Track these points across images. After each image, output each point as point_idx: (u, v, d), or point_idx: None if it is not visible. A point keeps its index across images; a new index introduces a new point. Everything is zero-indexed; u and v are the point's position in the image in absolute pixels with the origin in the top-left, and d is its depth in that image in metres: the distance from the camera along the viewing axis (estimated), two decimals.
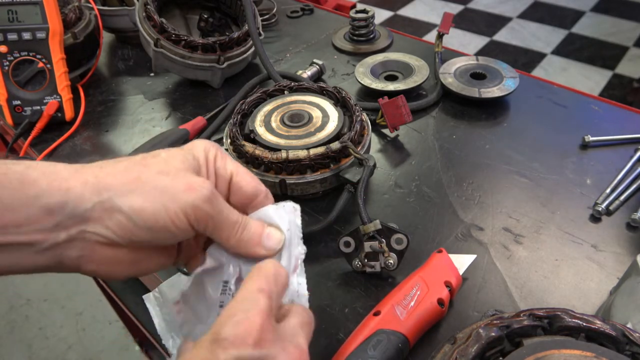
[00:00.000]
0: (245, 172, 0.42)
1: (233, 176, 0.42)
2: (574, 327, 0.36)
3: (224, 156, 0.42)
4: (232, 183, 0.42)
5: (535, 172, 0.72)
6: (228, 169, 0.42)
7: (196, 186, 0.37)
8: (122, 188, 0.36)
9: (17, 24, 0.80)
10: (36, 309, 1.90)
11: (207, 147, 0.42)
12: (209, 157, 0.41)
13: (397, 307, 0.50)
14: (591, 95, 0.86)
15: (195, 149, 0.41)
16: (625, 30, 3.15)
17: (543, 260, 0.60)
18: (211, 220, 0.38)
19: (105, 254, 0.38)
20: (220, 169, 0.42)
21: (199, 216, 0.37)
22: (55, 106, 0.85)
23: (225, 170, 0.42)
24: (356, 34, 1.05)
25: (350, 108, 0.72)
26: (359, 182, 0.61)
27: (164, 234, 0.37)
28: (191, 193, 0.37)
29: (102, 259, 0.38)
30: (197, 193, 0.37)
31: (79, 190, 0.36)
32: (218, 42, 0.89)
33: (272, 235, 0.41)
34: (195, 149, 0.41)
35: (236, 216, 0.40)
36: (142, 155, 0.39)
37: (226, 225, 0.39)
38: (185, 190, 0.37)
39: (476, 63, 0.90)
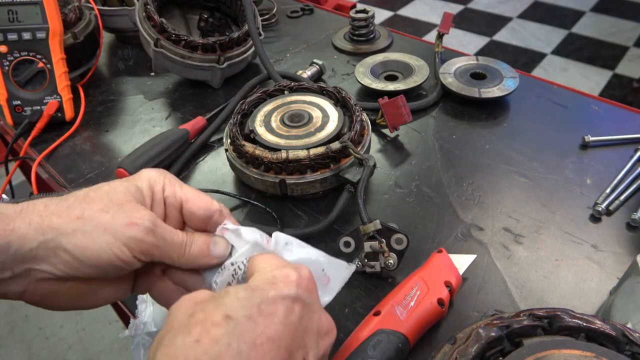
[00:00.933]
0: (196, 196, 0.43)
1: (183, 204, 0.43)
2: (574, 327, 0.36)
3: (172, 184, 0.43)
4: (184, 210, 0.43)
5: (535, 172, 0.72)
6: (177, 196, 0.42)
7: (136, 220, 0.38)
8: (66, 227, 0.37)
9: (17, 24, 0.80)
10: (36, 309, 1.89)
11: (153, 177, 0.42)
12: (154, 187, 0.42)
13: (397, 307, 0.50)
14: (591, 95, 0.86)
15: (139, 180, 0.42)
16: (625, 30, 3.15)
17: (543, 260, 0.60)
18: (156, 249, 0.39)
19: (50, 288, 0.39)
20: (170, 198, 0.42)
21: (142, 249, 0.39)
22: (55, 106, 0.85)
23: (174, 199, 0.42)
24: (356, 34, 1.05)
25: (350, 108, 0.72)
26: (359, 182, 0.61)
27: (111, 268, 0.38)
28: (132, 228, 0.38)
29: (46, 293, 0.39)
30: (137, 227, 0.38)
31: (24, 230, 0.37)
32: (218, 42, 0.89)
33: (218, 242, 0.42)
34: (139, 180, 0.42)
35: (181, 237, 0.41)
36: (85, 190, 0.40)
37: (172, 248, 0.40)
38: (126, 226, 0.38)
39: (476, 63, 0.90)
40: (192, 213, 0.43)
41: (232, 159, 0.69)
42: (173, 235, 0.40)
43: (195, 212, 0.43)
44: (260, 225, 0.65)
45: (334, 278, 0.49)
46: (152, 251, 0.39)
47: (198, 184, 0.75)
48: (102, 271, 0.38)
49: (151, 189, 0.42)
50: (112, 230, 0.38)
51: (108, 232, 0.38)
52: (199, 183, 0.75)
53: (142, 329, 0.53)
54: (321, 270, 0.50)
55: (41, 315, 1.87)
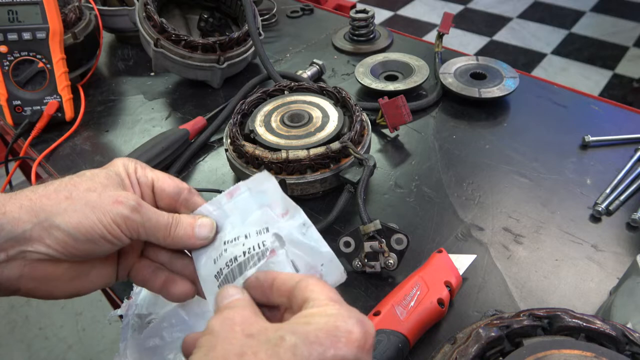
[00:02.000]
0: (166, 176, 0.46)
1: (154, 182, 0.45)
2: (574, 327, 0.36)
3: (143, 167, 0.46)
4: (155, 188, 0.45)
5: (535, 172, 0.72)
6: (149, 177, 0.45)
7: (122, 199, 0.40)
8: (56, 207, 0.39)
9: (17, 24, 0.80)
10: (36, 309, 1.90)
11: (125, 162, 0.45)
12: (129, 171, 0.44)
13: (397, 307, 0.50)
14: (591, 95, 0.86)
15: (115, 166, 0.44)
16: (625, 30, 3.15)
17: (543, 260, 0.60)
18: (142, 227, 0.41)
19: (46, 270, 0.41)
20: (142, 178, 0.45)
21: (130, 225, 0.41)
22: (55, 106, 0.85)
23: (146, 179, 0.45)
24: (356, 34, 1.05)
25: (350, 108, 0.72)
26: (359, 182, 0.61)
27: (103, 244, 0.40)
28: (118, 206, 0.40)
29: (42, 277, 0.41)
30: (124, 205, 0.40)
31: (16, 213, 0.38)
32: (218, 42, 0.89)
33: (203, 224, 0.43)
34: (115, 166, 0.44)
35: (166, 218, 0.43)
36: (68, 176, 0.42)
37: (158, 228, 0.42)
38: (113, 204, 0.40)
39: (476, 63, 0.90)
40: (162, 190, 0.45)
41: (232, 159, 0.69)
42: (158, 216, 0.42)
43: (165, 188, 0.45)
44: None
45: (327, 277, 0.49)
46: (138, 229, 0.41)
47: (198, 183, 0.75)
48: (94, 248, 0.40)
49: (126, 172, 0.44)
50: (100, 208, 0.40)
51: (97, 209, 0.39)
52: (199, 183, 0.75)
53: (134, 310, 0.54)
54: (320, 264, 0.50)
55: (41, 316, 1.87)
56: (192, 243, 0.43)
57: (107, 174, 0.43)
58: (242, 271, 0.44)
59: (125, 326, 0.54)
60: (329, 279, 0.44)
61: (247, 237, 0.47)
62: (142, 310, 0.55)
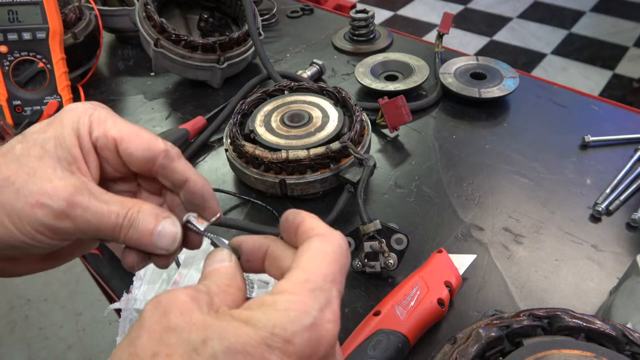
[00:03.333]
0: (133, 134, 0.34)
1: (118, 144, 0.34)
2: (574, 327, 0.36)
3: (102, 120, 0.34)
4: (121, 152, 0.34)
5: (535, 172, 0.72)
6: (110, 136, 0.33)
7: (45, 200, 0.30)
8: None
9: (17, 24, 0.80)
10: (36, 309, 1.90)
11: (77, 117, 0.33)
12: (80, 131, 0.33)
13: (397, 307, 0.50)
14: (591, 95, 0.86)
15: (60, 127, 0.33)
16: (625, 30, 3.15)
17: (543, 260, 0.60)
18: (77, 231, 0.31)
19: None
20: (101, 139, 0.33)
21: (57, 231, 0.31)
22: (55, 106, 0.85)
23: (106, 139, 0.33)
24: (356, 34, 1.05)
25: (350, 108, 0.72)
26: (359, 182, 0.61)
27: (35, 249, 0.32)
28: (39, 210, 0.30)
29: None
30: (46, 210, 0.30)
31: None
32: (218, 42, 0.89)
33: (164, 233, 0.33)
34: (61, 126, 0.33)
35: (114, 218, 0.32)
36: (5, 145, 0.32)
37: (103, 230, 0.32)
38: (32, 207, 0.30)
39: (476, 63, 0.90)
40: (129, 154, 0.34)
41: (232, 159, 0.69)
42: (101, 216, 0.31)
43: (133, 153, 0.33)
44: (261, 224, 0.65)
45: None
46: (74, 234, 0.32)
47: None
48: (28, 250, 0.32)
49: (76, 134, 0.33)
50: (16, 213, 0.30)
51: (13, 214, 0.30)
52: None
53: (132, 304, 0.54)
54: None
55: (41, 316, 1.87)
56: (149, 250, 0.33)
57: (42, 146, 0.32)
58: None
59: (123, 320, 0.54)
60: None
61: None
62: (142, 305, 0.55)
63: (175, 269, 0.58)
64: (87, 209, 0.31)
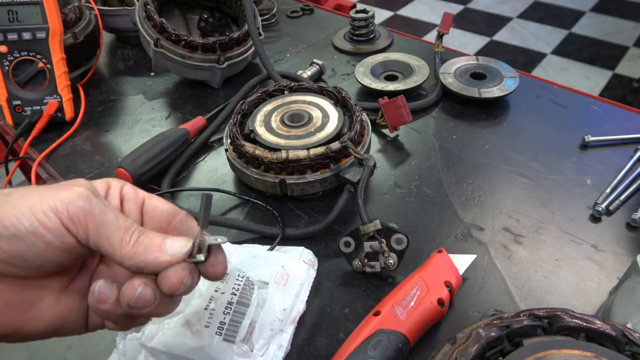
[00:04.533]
0: (160, 198, 0.38)
1: (146, 199, 0.37)
2: (574, 327, 0.36)
3: (134, 187, 0.38)
4: (146, 205, 0.37)
5: (535, 172, 0.72)
6: (140, 193, 0.38)
7: (71, 186, 0.33)
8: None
9: (17, 24, 0.80)
10: None
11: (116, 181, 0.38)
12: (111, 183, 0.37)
13: (397, 307, 0.50)
14: (591, 95, 0.86)
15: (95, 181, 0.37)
16: (625, 30, 3.15)
17: (543, 260, 0.60)
18: (92, 220, 0.32)
19: None
20: (130, 194, 0.37)
21: (73, 213, 0.31)
22: (55, 106, 0.85)
23: (135, 194, 0.37)
24: (356, 34, 1.05)
25: (350, 108, 0.72)
26: (359, 182, 0.61)
27: (33, 244, 0.31)
28: (64, 191, 0.32)
29: None
30: (70, 191, 0.32)
31: None
32: (218, 42, 0.89)
33: (177, 239, 0.34)
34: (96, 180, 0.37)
35: (129, 222, 0.33)
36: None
37: (115, 229, 0.33)
38: (58, 190, 0.32)
39: (476, 63, 0.90)
40: (155, 208, 0.37)
41: (232, 159, 0.69)
42: (117, 216, 0.33)
43: (159, 207, 0.37)
44: (261, 224, 0.65)
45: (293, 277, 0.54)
46: (86, 222, 0.32)
47: (198, 183, 0.75)
48: (24, 250, 0.31)
49: (107, 184, 0.37)
50: (39, 197, 0.31)
51: (34, 199, 0.31)
52: (198, 183, 0.75)
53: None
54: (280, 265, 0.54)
55: None
56: (157, 257, 0.33)
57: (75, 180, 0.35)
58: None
59: None
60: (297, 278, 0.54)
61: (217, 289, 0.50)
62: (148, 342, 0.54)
63: None
64: (106, 205, 0.33)
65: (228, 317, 0.49)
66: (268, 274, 0.55)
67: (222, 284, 0.52)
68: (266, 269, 0.55)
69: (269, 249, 0.61)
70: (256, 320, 0.51)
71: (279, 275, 0.54)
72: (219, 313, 0.49)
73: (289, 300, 0.53)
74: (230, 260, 0.57)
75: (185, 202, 0.72)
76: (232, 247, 0.59)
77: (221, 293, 0.51)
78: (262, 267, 0.56)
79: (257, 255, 0.57)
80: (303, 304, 0.55)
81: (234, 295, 0.51)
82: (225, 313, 0.49)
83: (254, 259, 0.57)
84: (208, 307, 0.50)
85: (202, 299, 0.51)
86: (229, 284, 0.51)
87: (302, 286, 0.55)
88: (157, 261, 0.33)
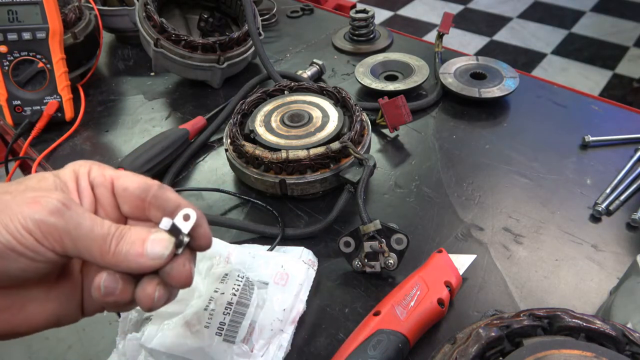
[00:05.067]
0: (129, 174, 0.37)
1: (115, 180, 0.37)
2: (574, 327, 0.36)
3: (101, 167, 0.37)
4: (116, 188, 0.36)
5: (535, 172, 0.72)
6: (107, 176, 0.37)
7: (41, 199, 0.31)
8: None
9: (17, 24, 0.80)
10: None
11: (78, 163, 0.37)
12: (79, 172, 0.36)
13: (397, 307, 0.50)
14: (591, 95, 0.86)
15: (63, 170, 0.36)
16: (625, 30, 3.15)
17: (543, 260, 0.60)
18: (67, 235, 0.31)
19: None
20: (98, 178, 0.36)
21: (48, 232, 0.31)
22: (55, 106, 0.85)
23: (103, 178, 0.36)
24: (356, 34, 1.05)
25: (350, 108, 0.72)
26: (359, 182, 0.61)
27: (14, 259, 0.31)
28: (34, 206, 0.31)
29: None
30: (40, 206, 0.31)
31: None
32: (218, 42, 0.89)
33: (158, 240, 0.33)
34: (64, 169, 0.36)
35: (106, 228, 0.33)
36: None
37: (92, 239, 0.32)
38: (27, 204, 0.31)
39: (476, 63, 0.90)
40: (125, 188, 0.36)
41: (232, 159, 0.69)
42: (94, 224, 0.32)
43: (129, 186, 0.36)
44: (261, 224, 0.65)
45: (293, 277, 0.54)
46: (62, 239, 0.31)
47: (198, 183, 0.75)
48: (5, 264, 0.31)
49: (75, 174, 0.36)
50: (9, 211, 0.31)
51: (4, 212, 0.31)
52: (198, 183, 0.75)
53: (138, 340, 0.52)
54: (280, 265, 0.54)
55: None
56: (140, 263, 0.32)
57: (42, 176, 0.34)
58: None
59: (123, 320, 0.54)
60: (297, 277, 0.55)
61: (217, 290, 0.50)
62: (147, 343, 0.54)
63: None
64: (81, 215, 0.32)
65: (228, 318, 0.49)
66: (268, 274, 0.55)
67: (222, 285, 0.52)
68: (266, 269, 0.55)
69: (269, 249, 0.61)
70: (256, 321, 0.51)
71: (278, 276, 0.54)
72: (219, 313, 0.49)
73: (288, 300, 0.53)
74: (230, 260, 0.57)
75: None
76: (232, 247, 0.59)
77: (221, 293, 0.51)
78: (261, 268, 0.56)
79: (257, 256, 0.57)
80: (303, 304, 0.55)
81: (233, 296, 0.51)
82: (225, 313, 0.49)
83: (253, 259, 0.57)
84: (208, 307, 0.50)
85: (201, 300, 0.51)
86: (228, 285, 0.51)
87: (302, 286, 0.55)
88: (142, 267, 0.33)
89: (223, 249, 0.58)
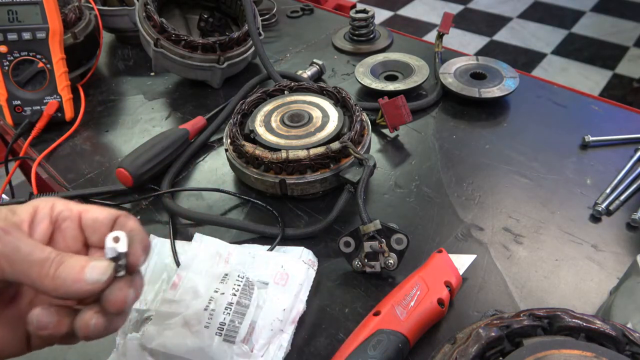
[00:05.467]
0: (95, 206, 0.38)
1: (82, 213, 0.37)
2: (574, 327, 0.36)
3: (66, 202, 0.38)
4: (85, 220, 0.37)
5: (535, 172, 0.72)
6: (73, 209, 0.37)
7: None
8: None
9: (17, 24, 0.80)
10: None
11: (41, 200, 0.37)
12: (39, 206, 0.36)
13: (397, 307, 0.50)
14: (591, 95, 0.86)
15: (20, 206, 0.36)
16: (625, 30, 3.15)
17: (543, 260, 0.60)
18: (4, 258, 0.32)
19: None
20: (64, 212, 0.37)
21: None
22: (55, 106, 0.85)
23: (70, 212, 0.37)
24: (356, 34, 1.05)
25: (350, 108, 0.72)
26: (359, 182, 0.61)
27: None
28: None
29: None
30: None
31: None
32: (218, 42, 0.89)
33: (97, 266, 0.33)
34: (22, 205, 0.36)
35: (46, 253, 0.33)
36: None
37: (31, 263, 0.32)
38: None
39: (476, 63, 0.90)
40: (94, 219, 0.37)
41: (232, 159, 0.69)
42: (34, 248, 0.33)
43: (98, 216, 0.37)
44: (261, 224, 0.65)
45: (293, 277, 0.54)
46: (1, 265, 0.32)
47: (198, 183, 0.75)
48: None
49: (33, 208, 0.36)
50: None
51: None
52: (198, 183, 0.75)
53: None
54: (280, 266, 0.55)
55: None
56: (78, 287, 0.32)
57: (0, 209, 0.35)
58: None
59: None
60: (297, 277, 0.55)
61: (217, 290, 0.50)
62: (141, 305, 0.54)
63: (174, 270, 0.58)
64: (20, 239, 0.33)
65: (228, 318, 0.49)
66: (268, 274, 0.55)
67: (222, 285, 0.52)
68: (266, 270, 0.55)
69: (269, 249, 0.61)
70: (256, 321, 0.51)
71: (278, 276, 0.54)
72: (219, 313, 0.49)
73: (288, 300, 0.53)
74: (230, 260, 0.57)
75: (185, 202, 0.72)
76: (232, 247, 0.59)
77: (221, 294, 0.51)
78: (261, 268, 0.56)
79: (257, 256, 0.57)
80: (303, 304, 0.55)
81: (233, 296, 0.51)
82: (225, 313, 0.49)
83: (253, 260, 0.57)
84: (208, 307, 0.50)
85: (201, 300, 0.51)
86: (228, 285, 0.51)
87: (302, 286, 0.55)
88: (80, 291, 0.33)
89: (223, 249, 0.58)
